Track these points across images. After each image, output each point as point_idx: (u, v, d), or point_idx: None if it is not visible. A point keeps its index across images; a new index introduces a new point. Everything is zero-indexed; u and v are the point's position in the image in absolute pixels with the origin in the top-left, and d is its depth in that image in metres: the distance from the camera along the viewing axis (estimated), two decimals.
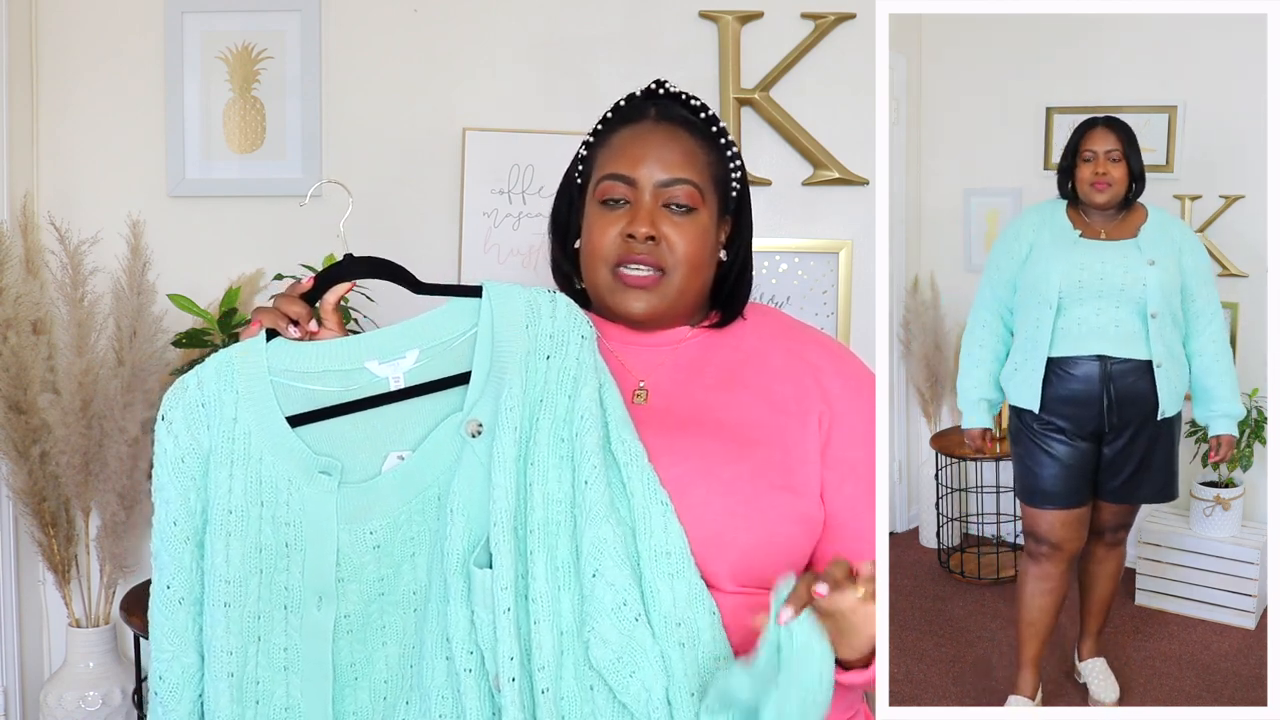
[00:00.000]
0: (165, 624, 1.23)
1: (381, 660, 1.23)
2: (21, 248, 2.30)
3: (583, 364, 1.25)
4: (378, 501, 1.22)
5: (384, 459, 1.24)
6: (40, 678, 2.45)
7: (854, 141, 2.45)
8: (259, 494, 1.22)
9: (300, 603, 1.22)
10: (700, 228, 1.32)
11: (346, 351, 1.25)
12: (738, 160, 1.38)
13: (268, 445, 1.23)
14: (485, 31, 2.46)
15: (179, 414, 1.24)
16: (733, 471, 1.27)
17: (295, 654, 1.23)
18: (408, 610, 1.23)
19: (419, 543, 1.23)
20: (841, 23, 2.43)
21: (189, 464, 1.23)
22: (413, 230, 2.44)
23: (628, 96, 1.39)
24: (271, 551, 1.23)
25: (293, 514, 1.23)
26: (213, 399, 1.24)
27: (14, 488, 2.23)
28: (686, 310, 1.36)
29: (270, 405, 1.24)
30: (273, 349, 1.25)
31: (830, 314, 2.46)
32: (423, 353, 1.25)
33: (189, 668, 1.23)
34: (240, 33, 2.44)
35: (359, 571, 1.23)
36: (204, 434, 1.23)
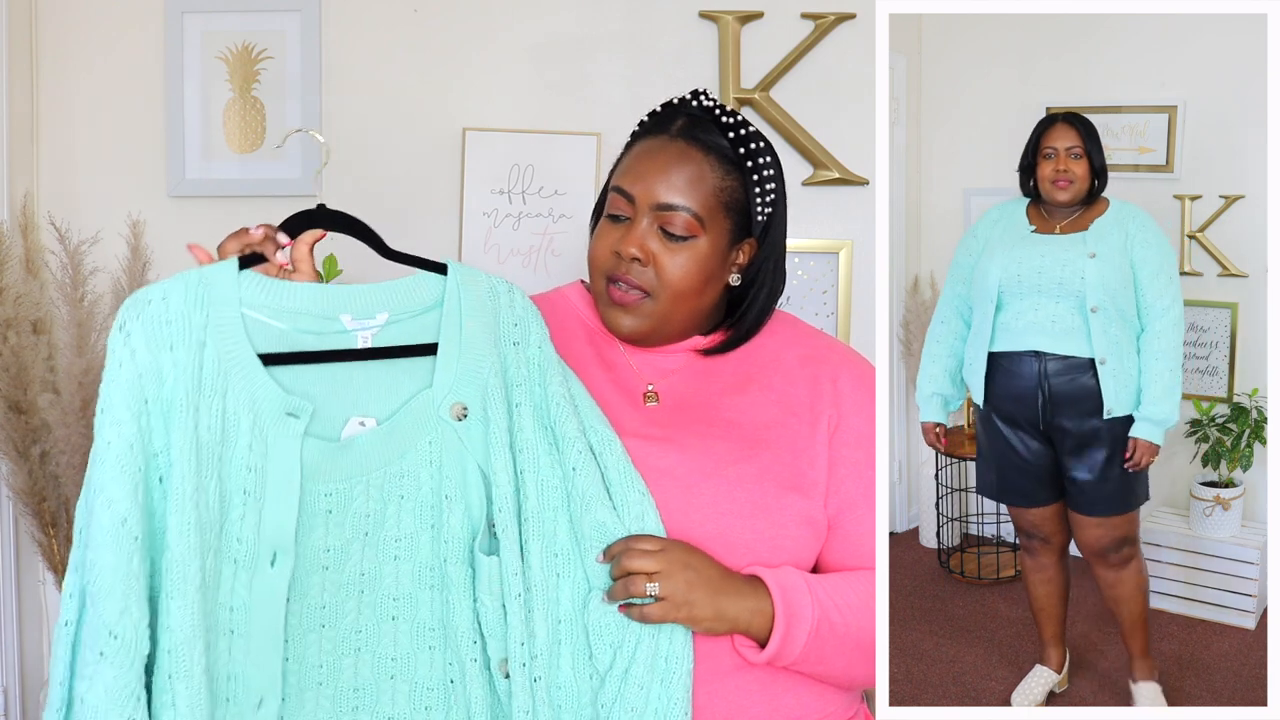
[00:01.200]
0: (120, 566, 1.03)
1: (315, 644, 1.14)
2: (21, 248, 2.29)
3: (545, 353, 1.23)
4: (341, 465, 1.14)
5: (344, 422, 1.16)
6: (40, 678, 2.45)
7: (854, 141, 2.45)
8: (220, 431, 1.09)
9: (254, 558, 1.09)
10: (695, 255, 1.29)
11: (324, 298, 1.17)
12: (770, 184, 1.33)
13: (234, 376, 1.10)
14: (485, 31, 2.46)
15: (139, 326, 1.08)
16: (740, 471, 1.27)
17: (242, 615, 1.09)
18: (352, 592, 1.15)
19: (373, 522, 1.16)
20: (841, 23, 2.43)
21: (146, 384, 1.07)
22: (413, 230, 2.43)
23: (666, 102, 1.36)
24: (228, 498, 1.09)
25: (254, 458, 1.10)
26: (179, 317, 1.09)
27: (14, 488, 2.23)
28: (677, 331, 1.34)
29: (240, 335, 1.11)
30: (245, 280, 1.14)
31: (830, 314, 2.46)
32: (391, 316, 1.19)
33: (139, 622, 1.04)
34: (240, 33, 2.44)
35: (307, 534, 1.13)
36: (166, 354, 1.08)
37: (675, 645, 1.19)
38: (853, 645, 1.25)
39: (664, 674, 1.18)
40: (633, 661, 1.17)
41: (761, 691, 1.26)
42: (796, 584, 1.23)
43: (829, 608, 1.23)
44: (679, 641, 1.19)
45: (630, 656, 1.17)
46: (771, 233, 1.36)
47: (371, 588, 1.16)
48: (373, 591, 1.16)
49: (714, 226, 1.30)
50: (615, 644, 1.18)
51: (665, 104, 1.36)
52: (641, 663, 1.17)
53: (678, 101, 1.35)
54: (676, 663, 1.19)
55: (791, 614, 1.21)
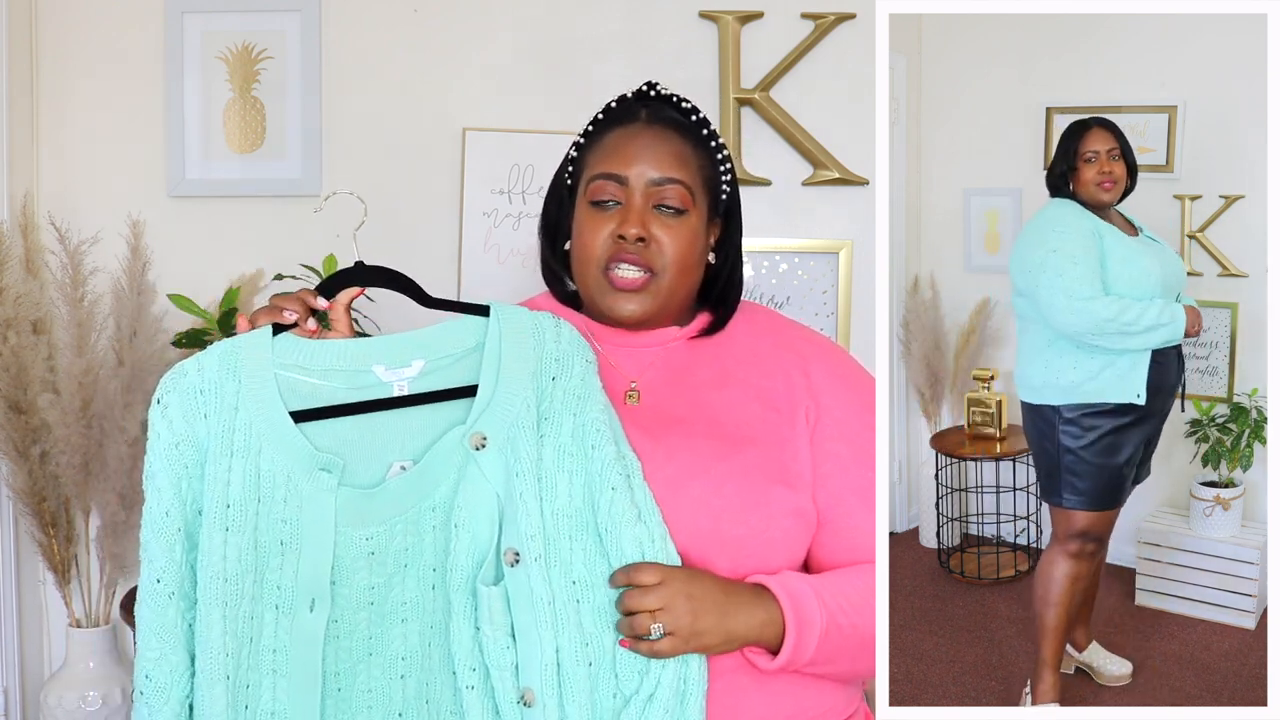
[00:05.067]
0: (154, 620, 1.18)
1: (364, 672, 1.20)
2: (21, 248, 2.29)
3: (587, 384, 1.25)
4: (378, 509, 1.20)
5: (387, 468, 1.21)
6: (40, 678, 2.45)
7: (854, 141, 2.45)
8: (256, 489, 1.18)
9: (292, 604, 1.19)
10: (690, 229, 1.31)
11: (354, 352, 1.23)
12: (728, 164, 1.37)
13: (268, 438, 1.19)
14: (485, 31, 2.46)
15: (175, 398, 1.19)
16: (726, 468, 1.27)
17: (284, 657, 1.19)
18: (395, 622, 1.20)
19: (412, 554, 1.21)
20: (841, 23, 2.43)
21: (183, 451, 1.18)
22: (413, 230, 2.44)
23: (619, 98, 1.38)
24: (266, 549, 1.18)
25: (290, 511, 1.18)
26: (212, 386, 1.19)
27: (14, 488, 2.23)
28: (675, 311, 1.36)
29: (273, 397, 1.19)
30: (279, 343, 1.22)
31: (830, 314, 2.46)
32: (428, 364, 1.23)
33: (177, 667, 1.18)
34: (240, 33, 2.43)
35: (350, 577, 1.20)
36: (200, 422, 1.18)
37: (693, 669, 1.21)
38: (859, 643, 1.26)
39: (683, 694, 1.20)
40: (659, 685, 1.19)
41: (760, 691, 1.26)
42: (803, 590, 1.23)
43: (835, 610, 1.23)
44: (696, 664, 1.21)
45: (656, 681, 1.19)
46: (735, 214, 1.39)
47: (414, 616, 1.21)
48: (416, 620, 1.21)
49: (699, 201, 1.33)
50: (641, 669, 1.19)
51: (620, 98, 1.38)
52: (667, 686, 1.19)
53: (633, 95, 1.37)
54: (695, 684, 1.21)
55: (802, 622, 1.21)
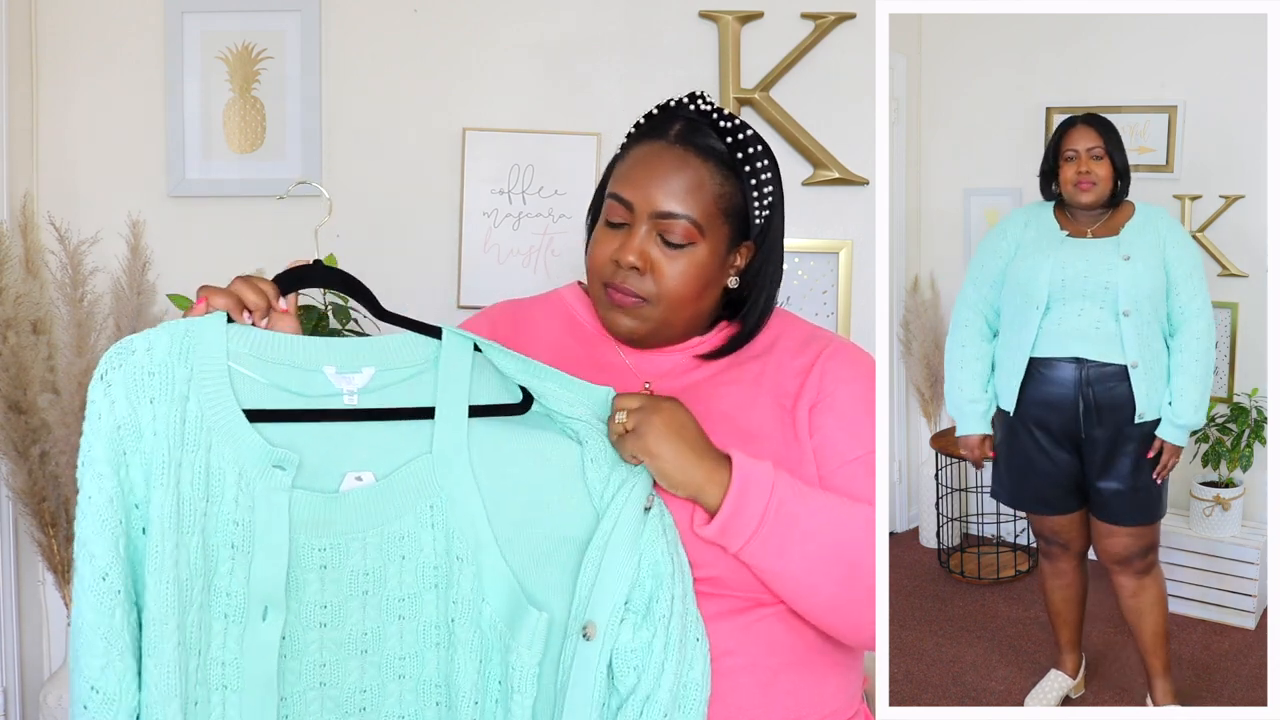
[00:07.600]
0: (100, 622, 1.04)
1: (316, 702, 1.14)
2: (21, 248, 2.29)
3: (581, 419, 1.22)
4: (335, 520, 1.14)
5: (341, 477, 1.15)
6: (40, 678, 2.45)
7: (854, 141, 2.45)
8: (205, 486, 1.09)
9: (243, 613, 1.10)
10: (694, 262, 1.29)
11: (307, 350, 1.16)
12: (767, 187, 1.33)
13: (219, 432, 1.10)
14: (485, 31, 2.46)
15: (120, 377, 1.07)
16: None
17: (234, 670, 1.10)
18: (354, 651, 1.15)
19: (374, 581, 1.15)
20: (841, 23, 2.43)
21: (124, 435, 1.06)
22: (413, 230, 2.44)
23: (663, 104, 1.35)
24: (215, 553, 1.09)
25: (241, 512, 1.09)
26: (162, 369, 1.08)
27: (14, 488, 2.23)
28: (677, 334, 1.35)
29: (225, 391, 1.11)
30: (233, 331, 1.13)
31: (830, 314, 2.46)
32: (378, 373, 1.18)
33: (124, 675, 1.05)
34: (240, 33, 2.43)
35: (301, 590, 1.12)
36: (146, 407, 1.07)
37: (695, 673, 1.20)
38: (820, 548, 1.22)
39: (683, 701, 1.19)
40: (657, 686, 1.17)
41: (759, 691, 1.26)
42: (762, 466, 1.22)
43: (790, 498, 1.21)
44: (699, 669, 1.20)
45: (655, 681, 1.17)
46: (769, 235, 1.36)
47: (376, 647, 1.16)
48: (377, 651, 1.16)
49: (713, 232, 1.30)
50: (639, 668, 1.17)
51: (662, 106, 1.35)
52: (666, 688, 1.17)
53: (674, 104, 1.34)
54: (696, 690, 1.19)
55: (746, 486, 1.20)
